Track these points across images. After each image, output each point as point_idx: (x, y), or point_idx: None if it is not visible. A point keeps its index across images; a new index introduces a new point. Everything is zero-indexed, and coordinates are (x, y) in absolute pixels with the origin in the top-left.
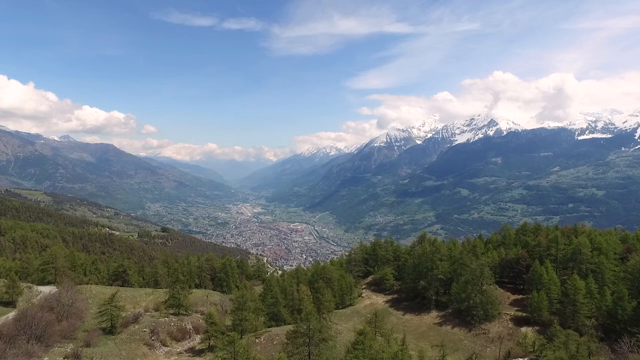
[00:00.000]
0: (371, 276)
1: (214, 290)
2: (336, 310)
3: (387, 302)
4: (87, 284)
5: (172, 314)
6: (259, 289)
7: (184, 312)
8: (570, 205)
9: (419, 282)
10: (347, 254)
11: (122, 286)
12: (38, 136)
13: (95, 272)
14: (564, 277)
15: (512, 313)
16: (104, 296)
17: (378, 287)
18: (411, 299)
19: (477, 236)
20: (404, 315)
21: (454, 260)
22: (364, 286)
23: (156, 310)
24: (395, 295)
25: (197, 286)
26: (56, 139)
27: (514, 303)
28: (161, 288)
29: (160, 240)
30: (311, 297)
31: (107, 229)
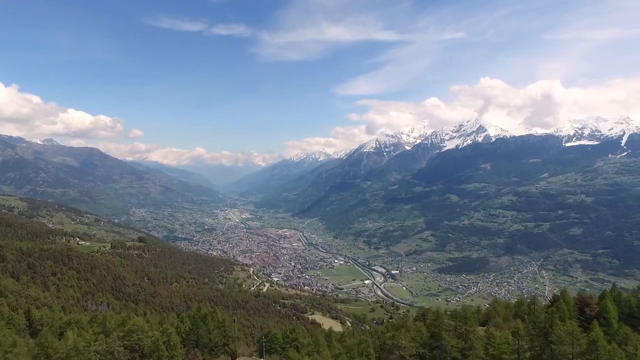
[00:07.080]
0: None
1: None
2: None
3: None
4: None
5: None
6: None
7: None
8: (560, 211)
9: None
10: (380, 338)
11: None
12: (20, 139)
13: None
14: None
15: None
16: None
17: None
18: None
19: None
20: None
21: None
22: None
23: None
24: None
25: None
26: (39, 142)
27: None
28: None
29: (136, 252)
30: None
31: (77, 239)
